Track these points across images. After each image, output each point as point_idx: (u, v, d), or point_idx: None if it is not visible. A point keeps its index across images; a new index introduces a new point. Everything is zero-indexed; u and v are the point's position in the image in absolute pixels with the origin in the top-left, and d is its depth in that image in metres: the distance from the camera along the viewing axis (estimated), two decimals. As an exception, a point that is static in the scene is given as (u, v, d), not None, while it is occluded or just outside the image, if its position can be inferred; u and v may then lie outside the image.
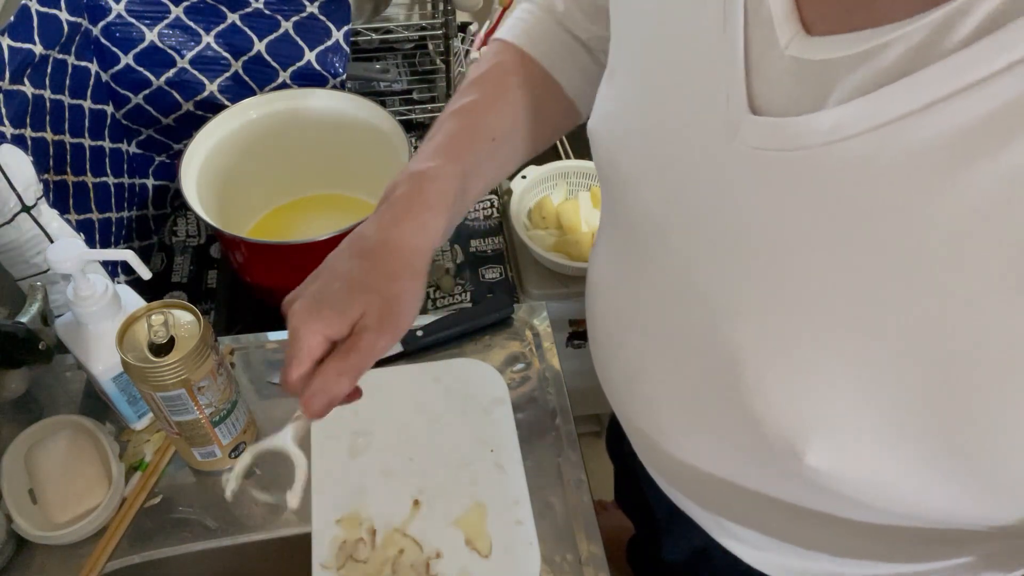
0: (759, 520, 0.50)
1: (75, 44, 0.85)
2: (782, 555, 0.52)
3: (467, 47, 1.26)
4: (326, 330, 0.46)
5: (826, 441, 0.34)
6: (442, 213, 0.51)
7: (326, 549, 0.64)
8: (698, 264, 0.39)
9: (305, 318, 0.46)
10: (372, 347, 0.46)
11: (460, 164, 0.52)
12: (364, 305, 0.46)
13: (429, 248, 0.50)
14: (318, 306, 0.46)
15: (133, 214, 1.00)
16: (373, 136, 0.95)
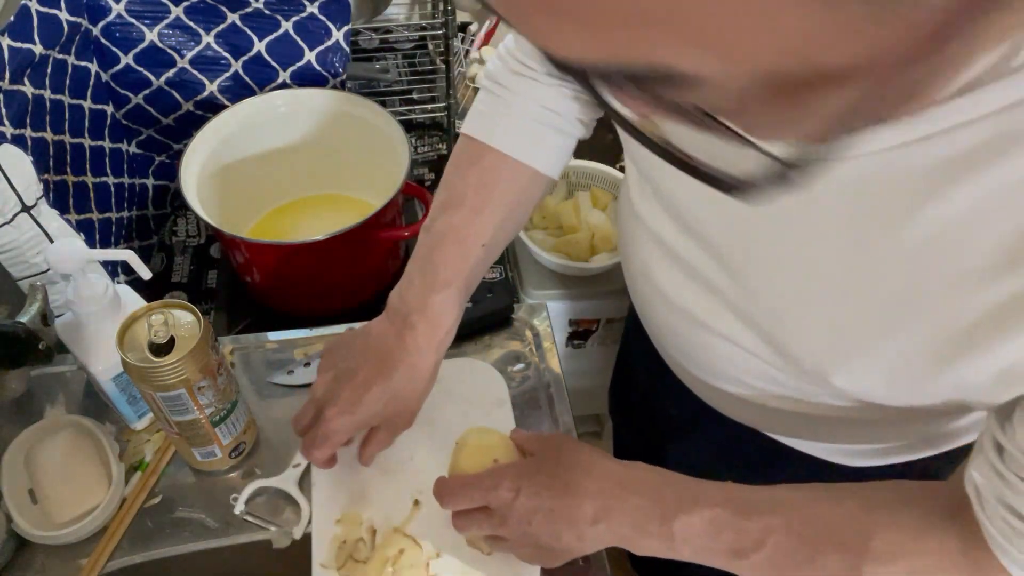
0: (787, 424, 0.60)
1: (75, 44, 0.85)
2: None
3: (467, 47, 1.26)
4: (348, 430, 0.60)
5: (847, 370, 0.45)
6: (451, 332, 0.62)
7: (326, 549, 0.64)
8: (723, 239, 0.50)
9: (335, 414, 0.59)
10: (379, 444, 0.64)
11: (464, 287, 0.62)
12: (382, 418, 0.62)
13: (439, 359, 0.62)
14: (345, 404, 0.59)
15: (133, 214, 1.00)
16: (373, 136, 0.95)
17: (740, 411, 0.65)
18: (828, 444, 0.63)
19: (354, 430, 0.61)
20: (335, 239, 0.82)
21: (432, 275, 0.61)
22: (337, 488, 0.67)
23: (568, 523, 0.53)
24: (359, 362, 0.61)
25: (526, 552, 0.58)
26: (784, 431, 0.65)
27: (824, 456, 0.65)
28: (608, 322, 1.19)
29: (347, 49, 0.96)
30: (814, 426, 0.60)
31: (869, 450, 0.63)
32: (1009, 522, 0.41)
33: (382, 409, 0.60)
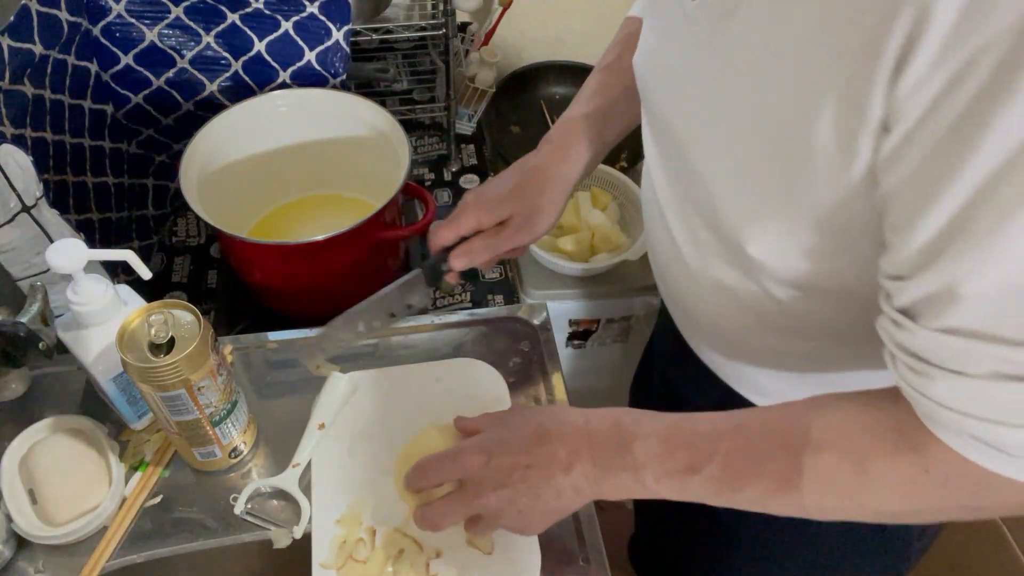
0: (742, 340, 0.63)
1: (75, 44, 0.85)
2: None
3: (467, 47, 1.26)
4: (480, 216, 0.66)
5: (758, 235, 0.48)
6: (585, 149, 0.70)
7: (326, 549, 0.64)
8: (677, 121, 0.54)
9: (469, 205, 0.67)
10: (511, 237, 0.67)
11: (601, 111, 0.70)
12: (512, 209, 0.67)
13: (574, 173, 0.69)
14: (480, 200, 0.67)
15: (133, 214, 1.00)
16: (373, 136, 0.95)
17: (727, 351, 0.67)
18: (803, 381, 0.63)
19: (481, 204, 0.66)
20: (335, 239, 0.82)
21: (574, 100, 0.72)
22: (337, 488, 0.67)
23: (545, 476, 0.53)
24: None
25: (509, 521, 0.56)
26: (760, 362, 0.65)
27: None
28: (608, 322, 1.19)
29: (347, 49, 0.96)
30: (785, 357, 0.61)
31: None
32: (912, 367, 0.41)
33: (517, 206, 0.66)
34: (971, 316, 0.37)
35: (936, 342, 0.39)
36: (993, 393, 0.38)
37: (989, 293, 0.36)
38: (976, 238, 0.35)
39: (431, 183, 1.20)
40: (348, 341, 0.71)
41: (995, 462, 0.41)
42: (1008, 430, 0.39)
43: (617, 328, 1.20)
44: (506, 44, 1.33)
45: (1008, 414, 0.38)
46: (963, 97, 0.33)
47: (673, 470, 0.50)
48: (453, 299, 1.04)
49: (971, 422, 0.40)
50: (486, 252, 0.67)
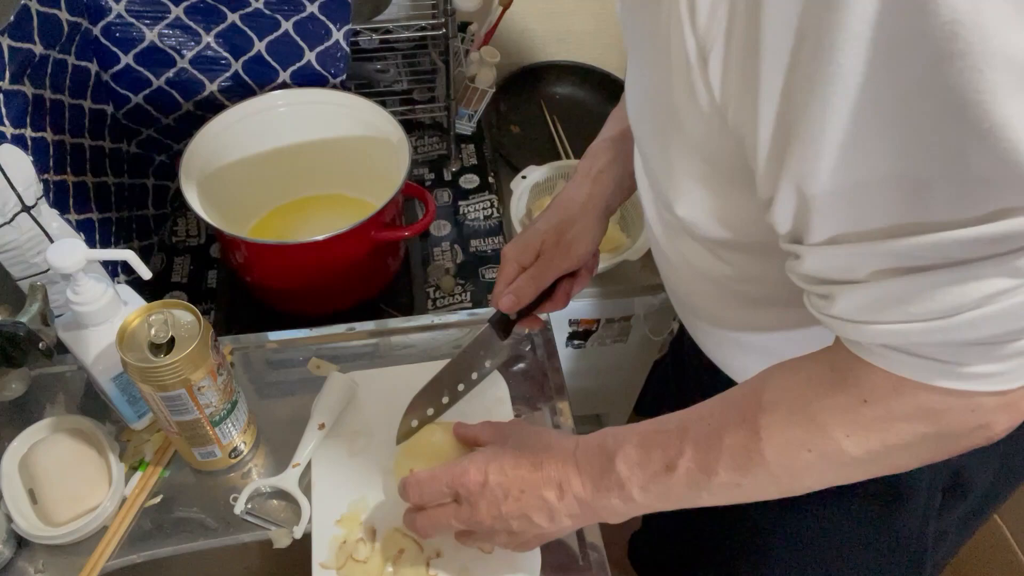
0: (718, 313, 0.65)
1: (75, 44, 0.85)
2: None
3: (467, 47, 1.25)
4: (519, 257, 0.69)
5: (679, 195, 0.50)
6: (612, 170, 0.71)
7: (326, 549, 0.64)
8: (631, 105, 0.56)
9: (505, 252, 0.70)
10: (548, 265, 0.69)
11: (619, 138, 0.72)
12: (544, 238, 0.69)
13: (602, 198, 0.71)
14: (516, 244, 0.69)
15: (133, 214, 1.00)
16: (373, 136, 0.95)
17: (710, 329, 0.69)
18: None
19: (514, 248, 0.69)
20: (335, 239, 0.82)
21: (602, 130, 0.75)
22: (337, 488, 0.67)
23: (538, 501, 0.55)
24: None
25: (499, 539, 0.58)
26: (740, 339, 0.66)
27: None
28: (608, 322, 1.19)
29: (347, 49, 0.96)
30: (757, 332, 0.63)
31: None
32: (817, 293, 0.42)
33: (547, 234, 0.69)
34: (835, 218, 0.38)
35: (822, 256, 0.40)
36: (887, 292, 0.38)
37: (833, 191, 0.36)
38: (798, 140, 0.36)
39: (431, 183, 1.20)
40: (435, 414, 0.71)
41: (915, 368, 0.41)
42: (910, 326, 0.39)
43: (617, 328, 1.20)
44: (506, 44, 1.33)
45: (906, 309, 0.38)
46: (741, 18, 0.36)
47: (653, 473, 0.51)
48: (453, 299, 1.04)
49: (877, 328, 0.40)
50: (531, 286, 0.68)
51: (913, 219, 0.35)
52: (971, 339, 0.38)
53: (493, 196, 1.17)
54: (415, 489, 0.59)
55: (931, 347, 0.40)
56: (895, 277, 0.38)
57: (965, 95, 0.30)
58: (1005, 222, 0.33)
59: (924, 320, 0.38)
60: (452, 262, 1.09)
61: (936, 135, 0.32)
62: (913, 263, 0.37)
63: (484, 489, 0.56)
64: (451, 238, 1.11)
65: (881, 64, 0.31)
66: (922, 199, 0.35)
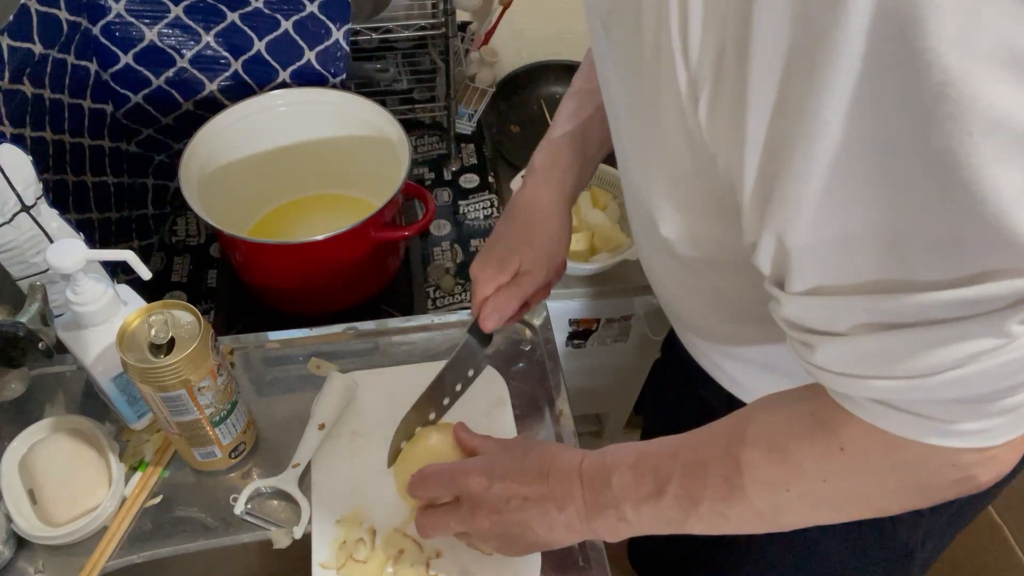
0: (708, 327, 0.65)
1: (75, 44, 0.85)
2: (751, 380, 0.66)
3: (467, 47, 1.25)
4: (494, 278, 0.65)
5: (662, 214, 0.49)
6: (569, 165, 0.69)
7: (326, 549, 0.64)
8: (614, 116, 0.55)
9: (477, 271, 0.66)
10: (531, 283, 0.66)
11: (577, 129, 0.70)
12: (520, 256, 0.66)
13: (565, 193, 0.69)
14: (487, 263, 0.66)
15: (133, 214, 1.00)
16: (373, 136, 0.95)
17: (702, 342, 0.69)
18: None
19: (488, 268, 0.66)
20: (335, 239, 0.82)
21: (550, 127, 0.72)
22: (337, 489, 0.67)
23: (539, 511, 0.55)
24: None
25: (496, 544, 0.58)
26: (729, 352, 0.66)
27: None
28: (608, 322, 1.19)
29: (347, 49, 0.96)
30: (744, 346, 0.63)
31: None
32: (799, 339, 0.42)
33: (523, 253, 0.66)
34: (814, 271, 0.37)
35: (802, 306, 0.39)
36: (867, 347, 0.38)
37: (812, 244, 0.36)
38: (780, 190, 0.35)
39: (431, 183, 1.20)
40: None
41: (896, 423, 0.40)
42: (891, 383, 0.38)
43: (617, 328, 1.20)
44: (506, 44, 1.33)
45: (887, 366, 0.38)
46: (729, 63, 0.35)
47: (645, 496, 0.51)
48: (453, 299, 1.04)
49: (858, 383, 0.39)
50: (512, 302, 0.66)
51: (892, 276, 0.35)
52: (954, 397, 0.38)
53: (493, 196, 1.17)
54: (419, 485, 0.59)
55: (915, 403, 0.39)
56: (876, 332, 0.37)
57: (952, 157, 0.30)
58: (987, 285, 0.32)
59: (906, 378, 0.37)
60: (452, 262, 1.09)
61: (919, 194, 0.32)
62: (894, 319, 0.36)
63: (487, 494, 0.55)
64: (451, 238, 1.11)
65: (867, 121, 0.31)
66: (902, 257, 0.34)
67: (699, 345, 0.69)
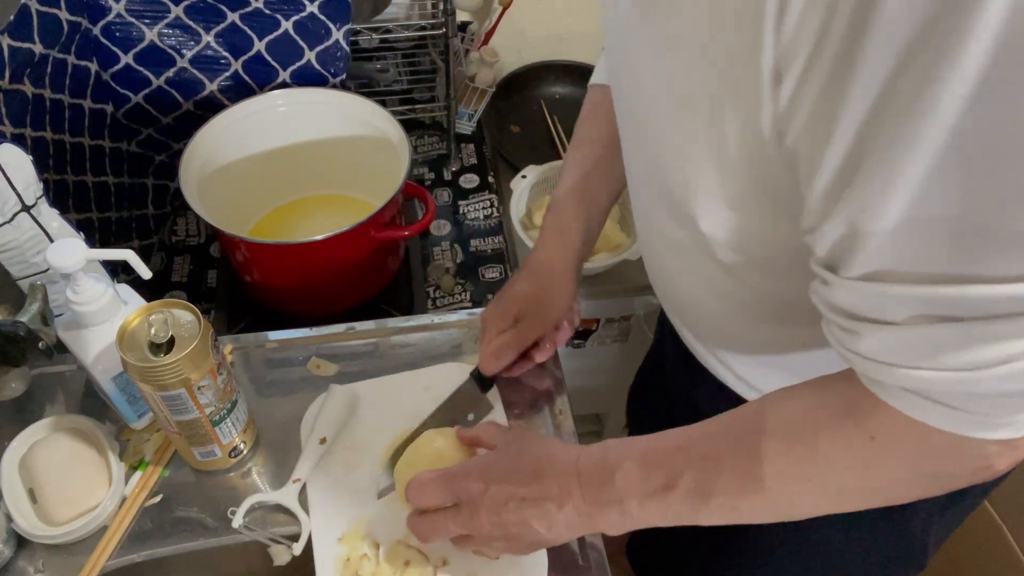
0: (723, 326, 0.64)
1: (75, 44, 0.85)
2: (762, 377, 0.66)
3: (467, 47, 1.25)
4: (498, 323, 0.72)
5: (705, 210, 0.48)
6: (576, 225, 0.73)
7: (331, 568, 0.63)
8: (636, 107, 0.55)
9: (486, 317, 0.73)
10: (529, 328, 0.72)
11: (580, 186, 0.75)
12: (522, 303, 0.72)
13: (573, 252, 0.73)
14: (496, 310, 0.73)
15: (133, 214, 1.00)
16: (373, 136, 0.95)
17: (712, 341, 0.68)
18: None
19: (494, 314, 0.72)
20: (335, 239, 0.82)
21: (557, 183, 0.76)
22: (336, 505, 0.67)
23: (538, 511, 0.55)
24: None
25: (497, 545, 0.58)
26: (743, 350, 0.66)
27: None
28: (608, 322, 1.19)
29: (347, 49, 0.96)
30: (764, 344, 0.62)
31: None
32: (841, 325, 0.41)
33: (525, 301, 0.71)
34: (881, 257, 0.37)
35: (856, 292, 0.39)
36: (919, 338, 0.38)
37: (892, 229, 0.35)
38: (868, 174, 0.35)
39: (431, 183, 1.20)
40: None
41: (934, 415, 0.40)
42: (939, 374, 0.38)
43: (617, 328, 1.20)
44: (506, 44, 1.33)
45: (937, 357, 0.38)
46: (835, 37, 0.33)
47: (652, 491, 0.51)
48: (453, 299, 1.04)
49: (902, 372, 0.39)
50: (511, 348, 0.71)
51: (960, 268, 0.35)
52: (999, 392, 0.38)
53: (493, 196, 1.17)
54: (416, 492, 0.59)
55: (957, 396, 0.39)
56: (930, 324, 0.37)
57: None
58: None
59: (955, 370, 0.37)
60: (452, 262, 1.09)
61: (1017, 187, 0.31)
62: (951, 312, 0.36)
63: (484, 496, 0.56)
64: (451, 238, 1.12)
65: (987, 109, 0.30)
66: (976, 248, 0.34)
67: (705, 344, 0.69)
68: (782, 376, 0.63)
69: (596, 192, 0.75)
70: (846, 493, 0.47)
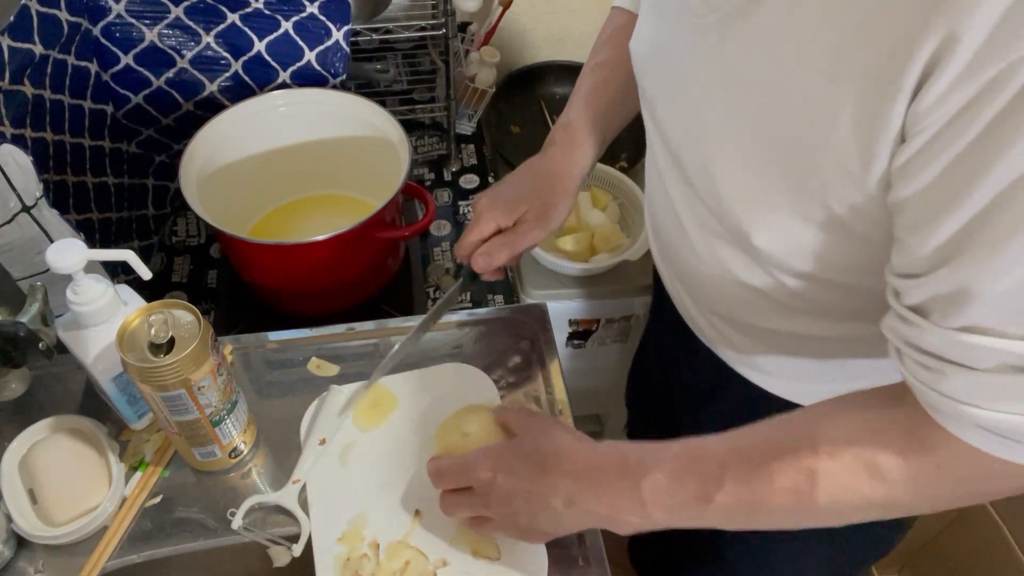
0: (746, 317, 0.63)
1: (75, 44, 0.85)
2: (782, 378, 0.67)
3: (467, 47, 1.25)
4: (498, 219, 0.69)
5: (764, 228, 0.50)
6: (587, 149, 0.73)
7: (331, 569, 0.63)
8: (680, 114, 0.55)
9: (484, 208, 0.70)
10: (527, 233, 0.69)
11: (598, 113, 0.73)
12: (527, 206, 0.70)
13: (579, 173, 0.73)
14: (495, 202, 0.70)
15: (133, 214, 1.00)
16: (373, 136, 0.95)
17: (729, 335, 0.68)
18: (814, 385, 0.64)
19: (496, 207, 0.70)
20: (335, 239, 0.82)
21: (570, 101, 0.75)
22: (336, 506, 0.67)
23: (544, 506, 0.55)
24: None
25: (511, 532, 0.59)
26: (764, 348, 0.65)
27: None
28: (608, 322, 1.19)
29: (347, 49, 0.96)
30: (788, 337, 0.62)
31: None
32: (923, 363, 0.42)
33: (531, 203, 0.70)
34: (983, 315, 0.39)
35: (949, 340, 0.40)
36: (1002, 385, 0.39)
37: (1002, 293, 0.37)
38: (992, 242, 0.36)
39: (431, 183, 1.20)
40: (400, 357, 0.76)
41: (1005, 449, 0.42)
42: (1014, 418, 0.40)
43: (617, 328, 1.20)
44: (506, 44, 1.33)
45: (1015, 402, 0.40)
46: (986, 114, 0.35)
47: (684, 502, 0.50)
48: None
49: (982, 413, 0.41)
50: (505, 250, 0.69)
51: None
52: None
53: (493, 196, 1.17)
54: (435, 476, 0.61)
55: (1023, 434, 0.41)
56: (1013, 373, 0.39)
57: None
58: None
59: None
60: (452, 262, 1.09)
61: None
62: None
63: (492, 487, 0.56)
64: (451, 238, 1.12)
65: None
66: None
67: (714, 322, 0.69)
68: (787, 358, 0.64)
69: (610, 120, 0.74)
70: (897, 509, 0.48)
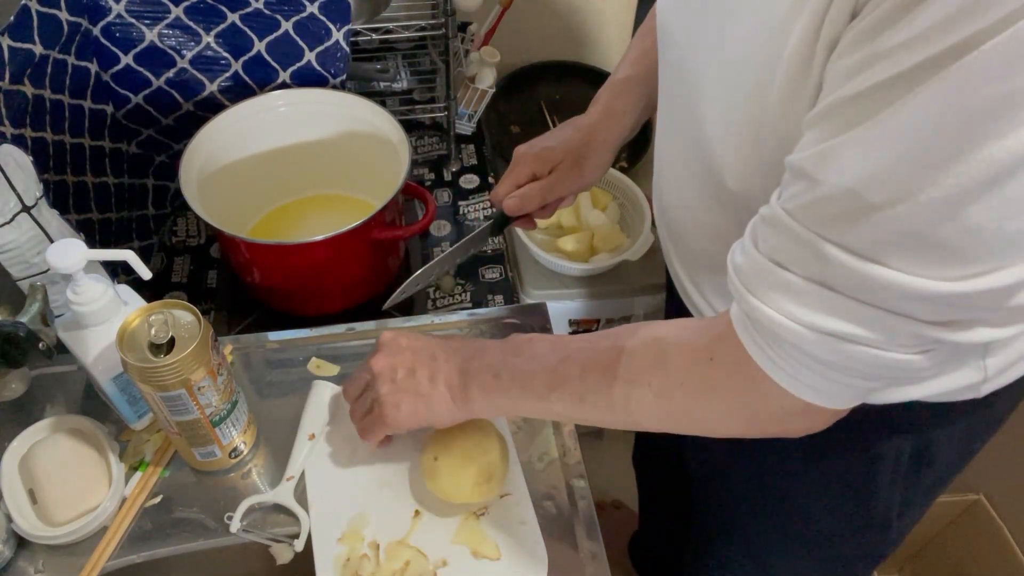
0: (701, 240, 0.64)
1: (75, 44, 0.85)
2: None
3: (467, 47, 1.25)
4: (534, 166, 0.73)
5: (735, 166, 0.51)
6: (631, 109, 0.75)
7: (330, 569, 0.63)
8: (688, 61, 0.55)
9: (522, 156, 0.74)
10: (562, 183, 0.73)
11: (646, 74, 0.74)
12: (563, 156, 0.73)
13: (621, 132, 0.75)
14: (532, 150, 0.74)
15: (133, 214, 1.00)
16: (373, 136, 0.95)
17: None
18: None
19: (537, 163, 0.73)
20: (335, 239, 0.82)
21: (618, 64, 0.78)
22: (336, 506, 0.67)
23: (429, 359, 0.61)
24: None
25: (381, 389, 0.62)
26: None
27: None
28: (608, 322, 1.19)
29: (347, 49, 0.96)
30: None
31: None
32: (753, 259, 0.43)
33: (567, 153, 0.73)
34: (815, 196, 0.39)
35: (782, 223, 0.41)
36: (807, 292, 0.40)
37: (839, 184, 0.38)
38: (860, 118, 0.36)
39: (431, 183, 1.20)
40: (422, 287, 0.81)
41: (764, 359, 0.44)
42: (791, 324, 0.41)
43: (617, 328, 1.20)
44: (506, 44, 1.33)
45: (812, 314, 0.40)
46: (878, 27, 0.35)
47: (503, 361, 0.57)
48: (453, 299, 1.04)
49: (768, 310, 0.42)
50: (538, 197, 0.73)
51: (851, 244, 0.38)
52: (828, 361, 0.42)
53: (493, 196, 1.17)
54: (344, 394, 0.66)
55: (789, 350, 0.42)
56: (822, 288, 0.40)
57: None
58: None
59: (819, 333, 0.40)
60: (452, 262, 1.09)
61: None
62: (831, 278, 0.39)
63: (390, 342, 0.62)
64: (451, 238, 1.12)
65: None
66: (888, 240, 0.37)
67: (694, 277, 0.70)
68: None
69: (654, 88, 0.74)
70: (676, 414, 0.51)
